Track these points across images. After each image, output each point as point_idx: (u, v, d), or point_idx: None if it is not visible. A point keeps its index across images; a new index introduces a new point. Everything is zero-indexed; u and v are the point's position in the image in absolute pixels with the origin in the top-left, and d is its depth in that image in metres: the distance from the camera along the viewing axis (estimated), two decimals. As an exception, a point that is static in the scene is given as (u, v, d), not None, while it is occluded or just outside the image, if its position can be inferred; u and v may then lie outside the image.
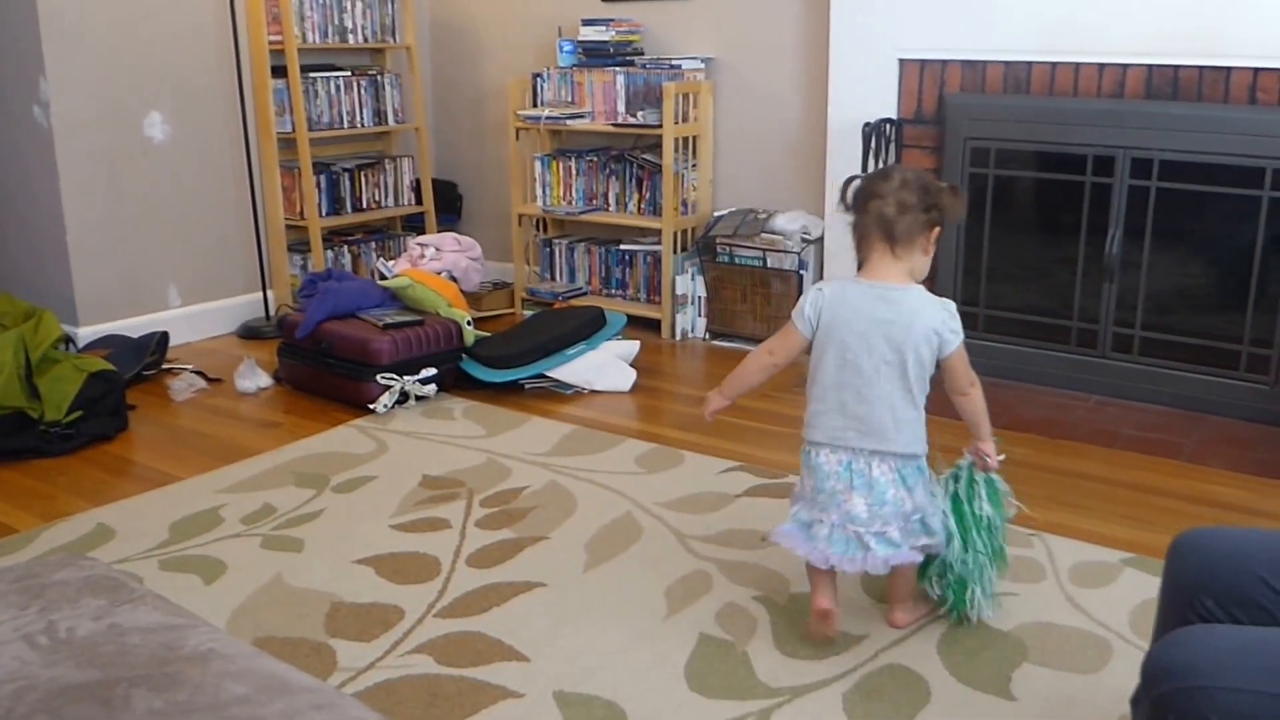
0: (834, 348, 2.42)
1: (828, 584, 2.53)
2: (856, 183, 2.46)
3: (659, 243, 5.10)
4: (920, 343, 2.38)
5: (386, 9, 5.50)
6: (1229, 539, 1.74)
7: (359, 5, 5.36)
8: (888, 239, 2.39)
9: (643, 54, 5.22)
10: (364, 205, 5.56)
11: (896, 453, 2.42)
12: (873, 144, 4.29)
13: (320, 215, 5.30)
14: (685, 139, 5.03)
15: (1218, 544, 1.73)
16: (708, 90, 5.07)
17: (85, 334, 4.57)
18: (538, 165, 5.45)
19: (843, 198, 2.47)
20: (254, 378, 4.34)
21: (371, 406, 4.03)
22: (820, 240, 4.72)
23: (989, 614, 2.59)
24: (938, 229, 2.42)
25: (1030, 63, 4.10)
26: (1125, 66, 3.92)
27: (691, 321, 5.04)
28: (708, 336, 5.01)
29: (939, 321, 2.39)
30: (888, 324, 2.38)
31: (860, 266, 2.46)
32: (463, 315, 4.38)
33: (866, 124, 4.27)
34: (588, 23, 5.22)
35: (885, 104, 4.40)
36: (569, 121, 5.20)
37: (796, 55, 4.85)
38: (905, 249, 2.39)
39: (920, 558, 2.53)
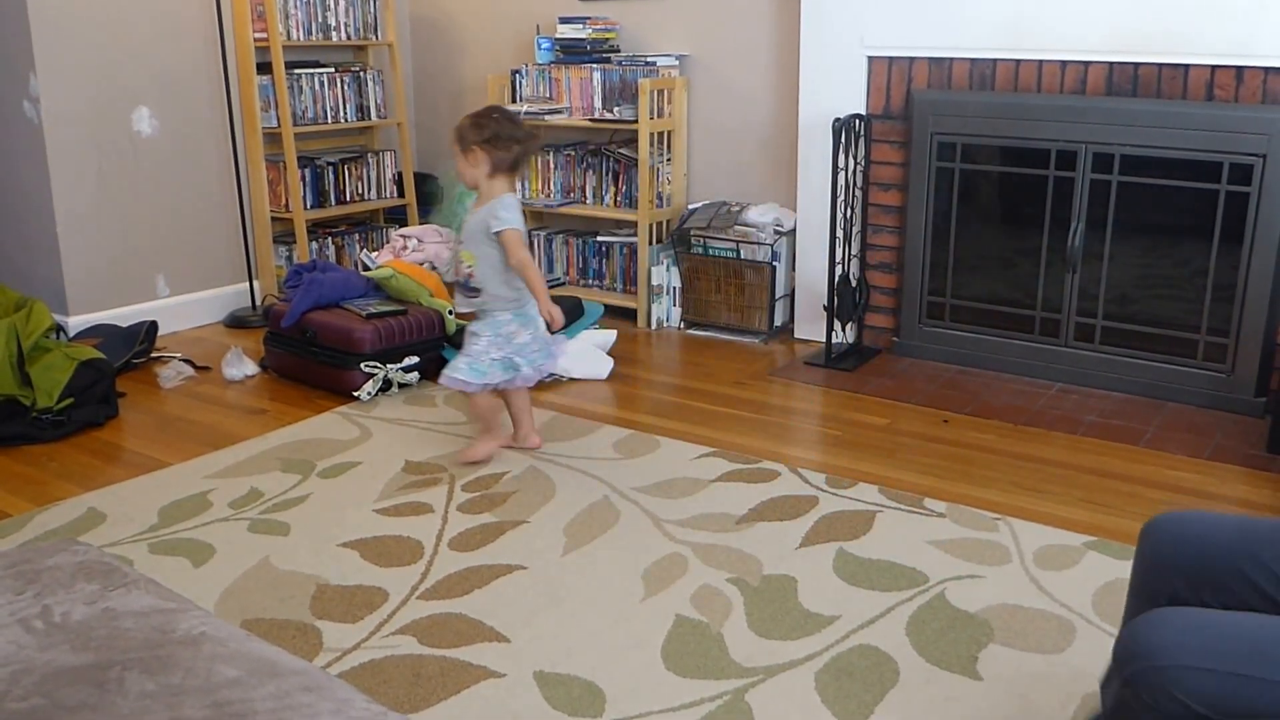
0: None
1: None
2: (507, 119, 3.37)
3: (635, 234, 5.14)
4: None
5: (369, 7, 5.52)
6: (1199, 523, 1.76)
7: (341, 3, 5.38)
8: (514, 170, 3.43)
9: (619, 51, 5.26)
10: (347, 198, 5.60)
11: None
12: (842, 139, 4.34)
13: (305, 208, 5.33)
14: (660, 134, 5.07)
15: (1189, 528, 1.76)
16: (682, 86, 5.12)
17: (75, 323, 4.60)
18: (517, 159, 5.50)
19: (500, 129, 3.32)
20: (241, 366, 4.37)
21: (355, 394, 4.08)
22: (793, 232, 4.78)
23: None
24: None
25: (995, 60, 4.17)
26: (1087, 64, 3.99)
27: (666, 311, 5.07)
28: (682, 326, 5.04)
29: None
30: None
31: (490, 182, 3.38)
32: (444, 305, 4.41)
33: (836, 120, 4.30)
34: (565, 20, 5.25)
35: (855, 100, 4.47)
36: (547, 117, 5.23)
37: (768, 53, 4.91)
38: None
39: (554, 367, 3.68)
